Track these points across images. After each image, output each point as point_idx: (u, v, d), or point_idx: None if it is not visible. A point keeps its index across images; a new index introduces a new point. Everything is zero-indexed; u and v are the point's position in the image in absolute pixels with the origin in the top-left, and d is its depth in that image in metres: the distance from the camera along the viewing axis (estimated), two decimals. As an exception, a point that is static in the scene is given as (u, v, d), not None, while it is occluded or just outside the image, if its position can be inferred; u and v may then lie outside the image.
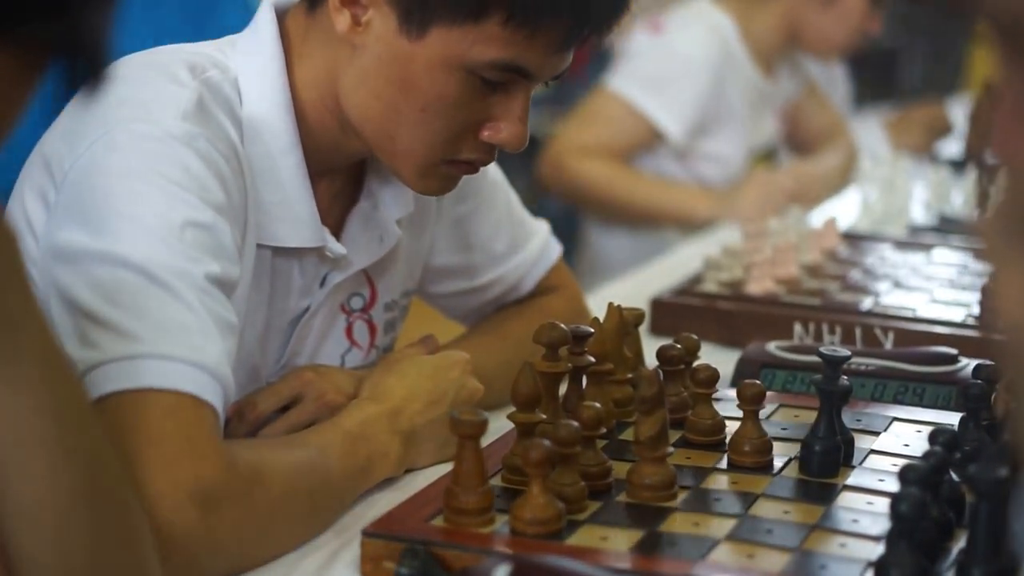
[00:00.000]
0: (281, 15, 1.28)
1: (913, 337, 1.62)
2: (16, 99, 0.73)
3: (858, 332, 1.66)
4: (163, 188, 1.11)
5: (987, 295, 1.69)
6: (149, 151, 1.12)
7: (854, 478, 1.15)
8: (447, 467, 1.12)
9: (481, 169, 1.42)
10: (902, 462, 1.09)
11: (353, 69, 1.22)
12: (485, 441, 1.16)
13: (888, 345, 1.64)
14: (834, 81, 3.21)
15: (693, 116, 2.60)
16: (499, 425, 1.20)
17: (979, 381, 1.23)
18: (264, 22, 1.26)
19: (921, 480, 0.99)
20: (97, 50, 0.70)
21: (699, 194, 2.61)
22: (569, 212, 2.91)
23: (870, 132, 3.07)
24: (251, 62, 1.25)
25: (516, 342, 1.43)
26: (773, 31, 2.68)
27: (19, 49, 0.71)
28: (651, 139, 2.62)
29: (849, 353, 1.21)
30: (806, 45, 2.71)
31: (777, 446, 1.20)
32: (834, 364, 1.18)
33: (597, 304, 1.53)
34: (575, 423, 1.08)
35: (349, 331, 1.39)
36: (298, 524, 1.09)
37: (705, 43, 2.62)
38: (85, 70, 0.71)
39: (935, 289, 1.84)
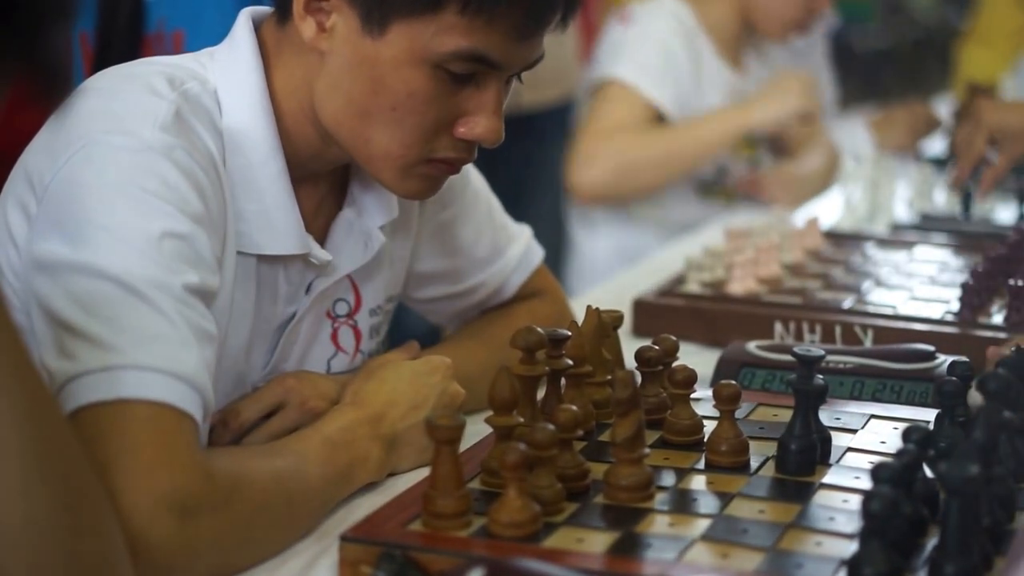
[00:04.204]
0: (257, 26, 1.29)
1: (892, 334, 1.64)
2: None
3: (838, 330, 1.67)
4: (140, 199, 1.11)
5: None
6: (126, 163, 1.13)
7: (830, 476, 1.16)
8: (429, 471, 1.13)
9: (462, 175, 1.44)
10: (879, 459, 1.10)
11: (323, 76, 1.23)
12: (468, 444, 1.17)
13: (868, 343, 1.65)
14: (819, 83, 3.21)
15: (675, 87, 2.61)
16: (482, 428, 1.21)
17: (953, 378, 1.24)
18: (242, 34, 1.27)
19: (892, 478, 1.00)
20: (56, 65, 0.71)
21: (739, 109, 2.60)
22: (555, 216, 2.92)
23: (854, 132, 3.08)
24: (230, 73, 1.26)
25: (499, 346, 1.43)
26: (729, 19, 2.70)
27: None
28: (653, 114, 2.59)
29: (823, 352, 1.22)
30: (758, 27, 2.73)
31: (755, 445, 1.21)
32: (808, 363, 1.19)
33: (582, 307, 1.54)
34: (551, 426, 1.09)
35: (335, 336, 1.40)
36: (277, 532, 1.10)
37: (670, 26, 2.65)
38: (45, 85, 0.72)
39: (916, 287, 1.86)
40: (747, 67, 2.79)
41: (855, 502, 1.09)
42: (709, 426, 1.24)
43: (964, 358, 1.32)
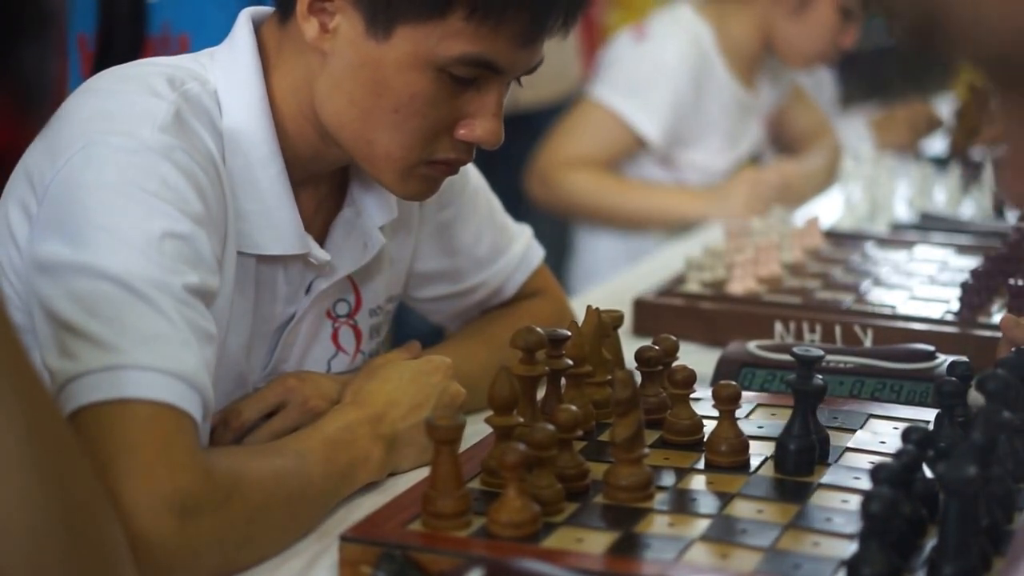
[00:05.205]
0: (258, 27, 1.29)
1: (892, 334, 1.64)
2: None
3: (838, 330, 1.68)
4: (141, 200, 1.12)
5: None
6: (126, 163, 1.13)
7: (829, 476, 1.16)
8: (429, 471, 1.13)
9: (462, 175, 1.44)
10: (878, 459, 1.10)
11: (325, 76, 1.23)
12: (468, 444, 1.17)
13: (868, 342, 1.66)
14: (820, 82, 3.22)
15: (671, 121, 2.63)
16: (482, 428, 1.21)
17: (953, 378, 1.24)
18: (242, 34, 1.27)
19: (892, 479, 1.00)
20: (33, 82, 0.71)
21: (688, 194, 2.63)
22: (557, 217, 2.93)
23: (855, 131, 3.08)
24: (230, 74, 1.26)
25: (499, 346, 1.43)
26: (749, 38, 2.70)
27: None
28: (634, 145, 2.65)
29: (822, 352, 1.22)
30: (780, 56, 2.72)
31: (754, 445, 1.21)
32: (807, 363, 1.19)
33: (582, 307, 1.54)
34: (551, 426, 1.09)
35: (335, 337, 1.40)
36: (278, 531, 1.10)
37: (683, 52, 2.65)
38: (23, 101, 0.72)
39: (915, 286, 1.86)
40: (759, 87, 2.78)
41: (854, 502, 1.10)
42: (709, 426, 1.24)
43: (964, 358, 1.32)
